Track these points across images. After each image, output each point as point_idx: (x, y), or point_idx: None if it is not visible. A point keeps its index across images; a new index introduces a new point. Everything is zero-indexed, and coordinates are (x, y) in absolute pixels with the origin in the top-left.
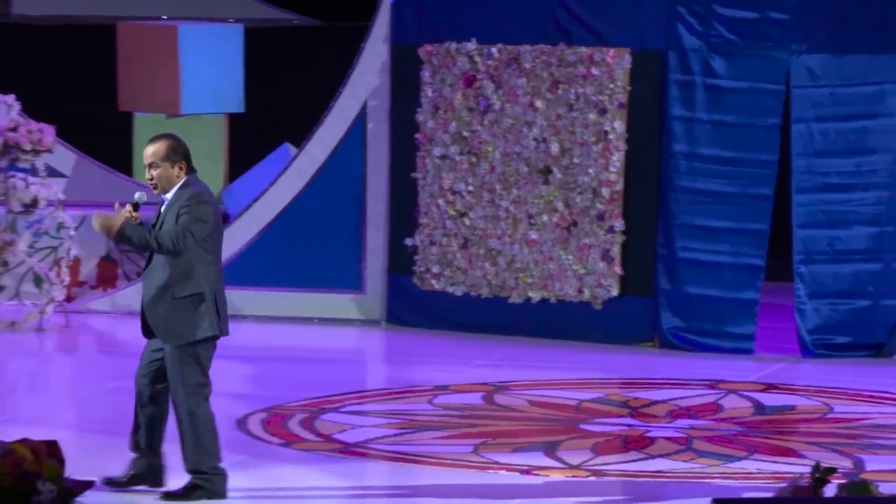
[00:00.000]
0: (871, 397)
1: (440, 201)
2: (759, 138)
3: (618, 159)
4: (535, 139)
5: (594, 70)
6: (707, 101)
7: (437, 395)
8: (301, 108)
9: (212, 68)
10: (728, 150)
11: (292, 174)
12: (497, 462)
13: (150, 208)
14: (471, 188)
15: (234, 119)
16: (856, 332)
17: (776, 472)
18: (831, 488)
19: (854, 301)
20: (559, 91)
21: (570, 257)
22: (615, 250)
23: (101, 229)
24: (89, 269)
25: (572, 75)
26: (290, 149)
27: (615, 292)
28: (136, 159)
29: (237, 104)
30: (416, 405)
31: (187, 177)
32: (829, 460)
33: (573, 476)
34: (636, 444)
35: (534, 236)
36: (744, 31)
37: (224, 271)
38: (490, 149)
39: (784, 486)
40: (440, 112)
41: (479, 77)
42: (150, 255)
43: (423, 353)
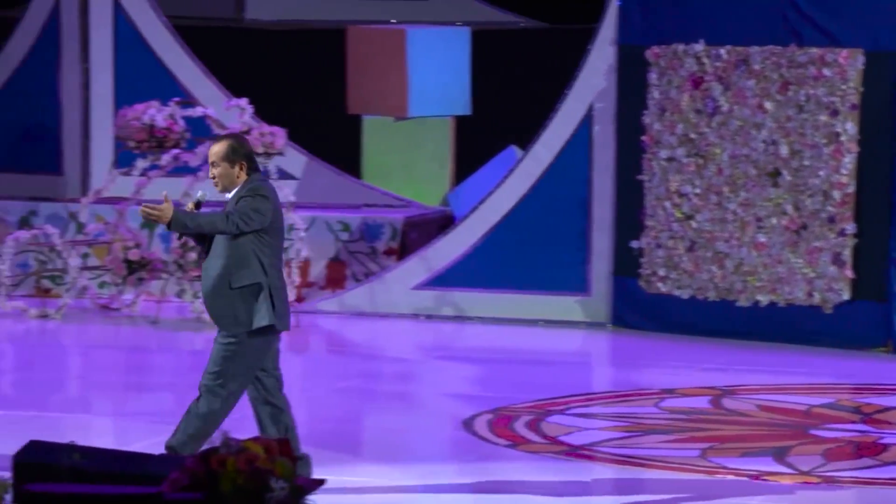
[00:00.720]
0: None
1: (666, 204)
2: None
3: (849, 161)
4: (763, 141)
5: (826, 71)
6: None
7: (663, 399)
8: (527, 111)
9: (439, 71)
10: None
11: (518, 176)
12: (725, 467)
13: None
14: (698, 191)
15: (460, 121)
16: None
17: None
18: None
19: None
20: (789, 92)
21: (800, 261)
22: (846, 254)
23: (151, 219)
24: (318, 270)
25: (803, 76)
26: (515, 151)
27: (846, 296)
28: (365, 162)
29: (464, 107)
30: (643, 408)
31: (250, 176)
32: None
33: (804, 482)
34: (869, 450)
35: (762, 239)
36: None
37: (450, 273)
38: (717, 151)
39: None
40: (667, 114)
41: (706, 79)
42: (209, 246)
43: (649, 357)
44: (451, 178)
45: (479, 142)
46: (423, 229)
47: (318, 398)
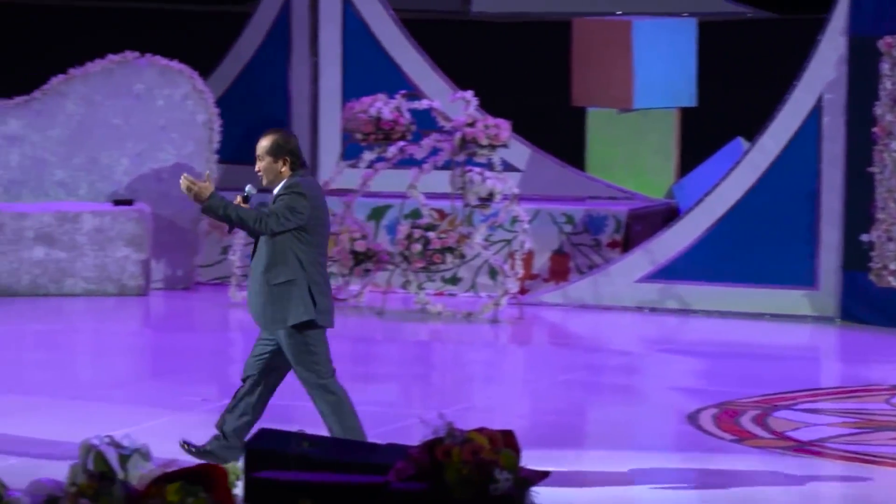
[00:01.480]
0: None
1: None
2: None
3: None
4: None
5: None
6: None
7: (895, 395)
8: (754, 102)
9: (665, 63)
10: None
11: (745, 168)
12: None
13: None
14: None
15: (685, 113)
16: None
17: None
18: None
19: None
20: None
21: None
22: None
23: (189, 193)
24: (542, 262)
25: None
26: (742, 143)
27: None
28: (589, 154)
29: (689, 99)
30: (873, 405)
31: (294, 173)
32: None
33: None
34: None
35: None
36: None
37: (675, 266)
38: None
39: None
40: None
41: None
42: (255, 244)
43: (879, 352)
44: (675, 170)
45: (704, 133)
46: (648, 221)
47: (540, 390)
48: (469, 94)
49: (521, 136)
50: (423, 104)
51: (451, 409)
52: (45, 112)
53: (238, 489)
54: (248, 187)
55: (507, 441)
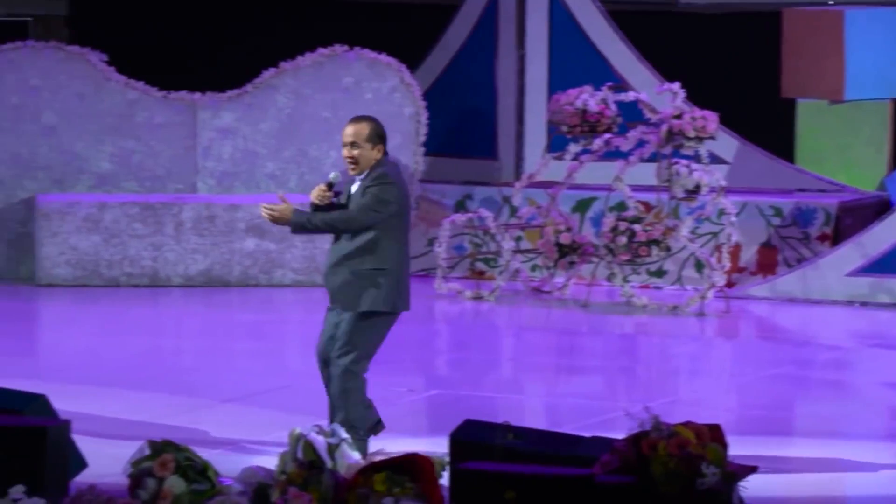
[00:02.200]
0: None
1: None
2: None
3: None
4: None
5: None
6: None
7: None
8: None
9: (878, 53)
10: None
11: None
12: None
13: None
14: None
15: None
16: None
17: None
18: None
19: None
20: None
21: None
22: None
23: (273, 221)
24: (749, 255)
25: None
26: None
27: None
28: (798, 146)
29: None
30: None
31: (379, 160)
32: None
33: None
34: None
35: None
36: None
37: (887, 259)
38: None
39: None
40: None
41: None
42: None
43: None
44: (888, 163)
45: None
46: (859, 215)
47: (747, 385)
48: (676, 86)
49: (729, 128)
50: (629, 96)
51: (657, 403)
52: (256, 105)
53: (444, 479)
54: (333, 174)
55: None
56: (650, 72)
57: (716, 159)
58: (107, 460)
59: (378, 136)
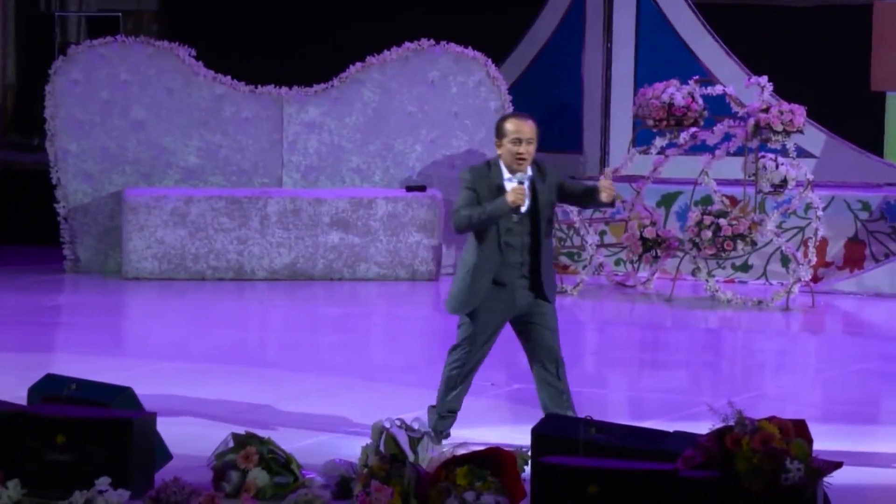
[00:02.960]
0: None
1: None
2: None
3: None
4: None
5: None
6: None
7: None
8: None
9: None
10: None
11: None
12: None
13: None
14: None
15: None
16: None
17: None
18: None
19: None
20: None
21: None
22: None
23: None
24: (836, 249)
25: None
26: None
27: None
28: (887, 140)
29: None
30: None
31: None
32: None
33: None
34: None
35: None
36: None
37: None
38: None
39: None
40: None
41: None
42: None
43: None
44: None
45: None
46: None
47: (834, 380)
48: (764, 80)
49: (817, 122)
50: (716, 90)
51: (741, 398)
52: (342, 100)
53: (526, 473)
54: (520, 175)
55: (798, 430)
56: (737, 65)
57: (803, 153)
58: (192, 453)
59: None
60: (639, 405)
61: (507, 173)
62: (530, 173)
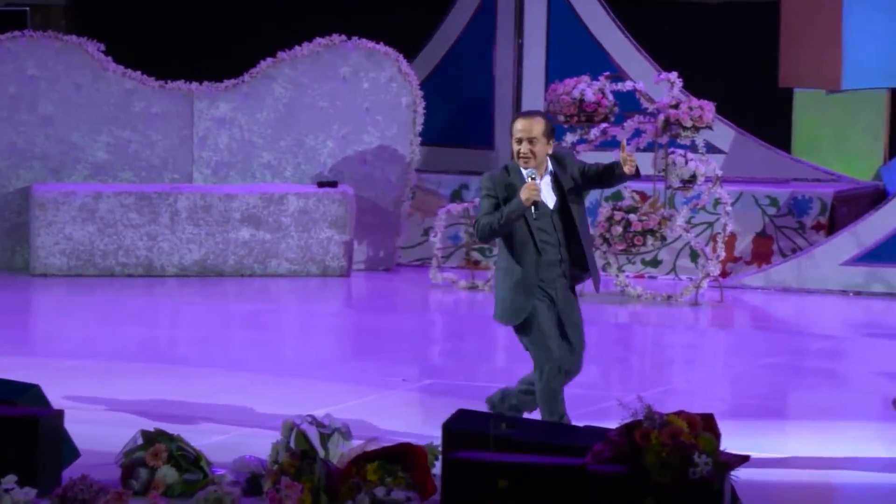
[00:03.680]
0: None
1: None
2: None
3: None
4: None
5: None
6: None
7: None
8: None
9: (876, 42)
10: None
11: None
12: None
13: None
14: None
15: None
16: None
17: None
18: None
19: None
20: None
21: None
22: None
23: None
24: (744, 244)
25: None
26: None
27: None
28: (795, 136)
29: None
30: None
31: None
32: None
33: None
34: None
35: None
36: None
37: (882, 249)
38: None
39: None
40: None
41: None
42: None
43: None
44: (884, 152)
45: None
46: (854, 204)
47: (741, 374)
48: (673, 76)
49: (726, 118)
50: (626, 86)
51: (651, 392)
52: (253, 95)
53: (436, 469)
54: (529, 171)
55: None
56: (647, 61)
57: (712, 149)
58: (100, 450)
59: (552, 131)
60: None
61: (525, 174)
62: (551, 168)
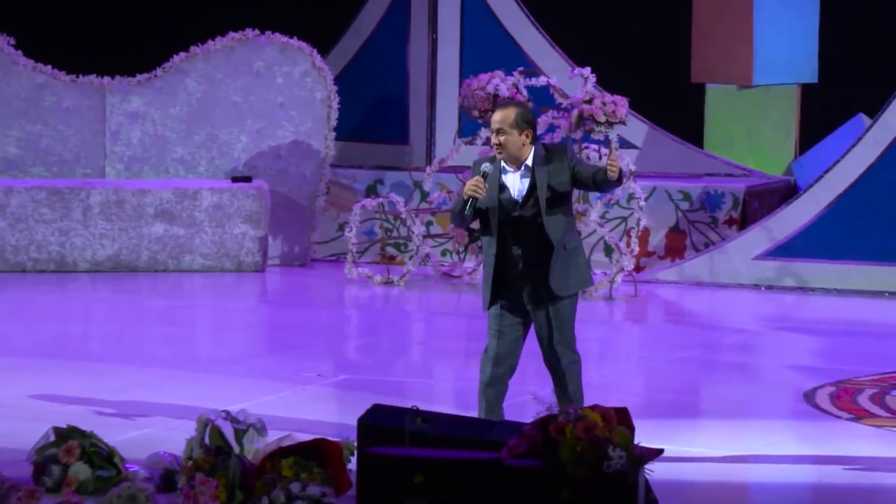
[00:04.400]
0: None
1: None
2: None
3: None
4: None
5: None
6: None
7: None
8: (876, 78)
9: (786, 38)
10: None
11: (866, 145)
12: None
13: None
14: None
15: (806, 90)
16: None
17: None
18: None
19: None
20: None
21: None
22: None
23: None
24: (658, 239)
25: None
26: (864, 120)
27: None
28: (707, 131)
29: (811, 74)
30: None
31: (536, 145)
32: None
33: None
34: None
35: None
36: None
37: (793, 243)
38: None
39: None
40: None
41: None
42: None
43: None
44: (795, 147)
45: (825, 110)
46: (766, 199)
47: (655, 368)
48: (587, 71)
49: (639, 113)
50: (540, 81)
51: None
52: (166, 90)
53: (352, 464)
54: (485, 165)
55: (621, 418)
56: (561, 56)
57: (626, 144)
58: (12, 447)
59: (525, 121)
60: (465, 395)
61: (505, 165)
62: (531, 161)
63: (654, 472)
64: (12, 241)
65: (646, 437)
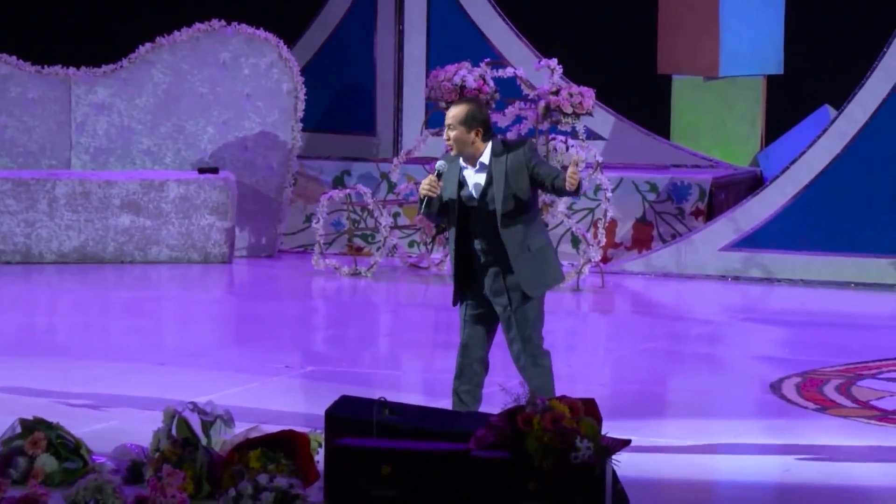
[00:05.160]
0: None
1: None
2: None
3: None
4: None
5: None
6: None
7: None
8: (842, 70)
9: (752, 30)
10: None
11: (831, 136)
12: None
13: None
14: None
15: (772, 81)
16: None
17: None
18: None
19: None
20: None
21: None
22: None
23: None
24: (625, 230)
25: None
26: (829, 111)
27: None
28: (674, 122)
29: (776, 66)
30: None
31: (494, 142)
32: None
33: None
34: None
35: None
36: None
37: (759, 234)
38: None
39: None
40: None
41: None
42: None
43: None
44: (761, 139)
45: (791, 101)
46: (732, 190)
47: (622, 359)
48: (553, 62)
49: (606, 105)
50: (507, 72)
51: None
52: (132, 81)
53: (319, 455)
54: (439, 163)
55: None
56: (528, 48)
57: (592, 135)
58: None
59: (475, 119)
60: (432, 386)
61: (463, 162)
62: (488, 157)
63: (622, 462)
64: None
65: (613, 427)
